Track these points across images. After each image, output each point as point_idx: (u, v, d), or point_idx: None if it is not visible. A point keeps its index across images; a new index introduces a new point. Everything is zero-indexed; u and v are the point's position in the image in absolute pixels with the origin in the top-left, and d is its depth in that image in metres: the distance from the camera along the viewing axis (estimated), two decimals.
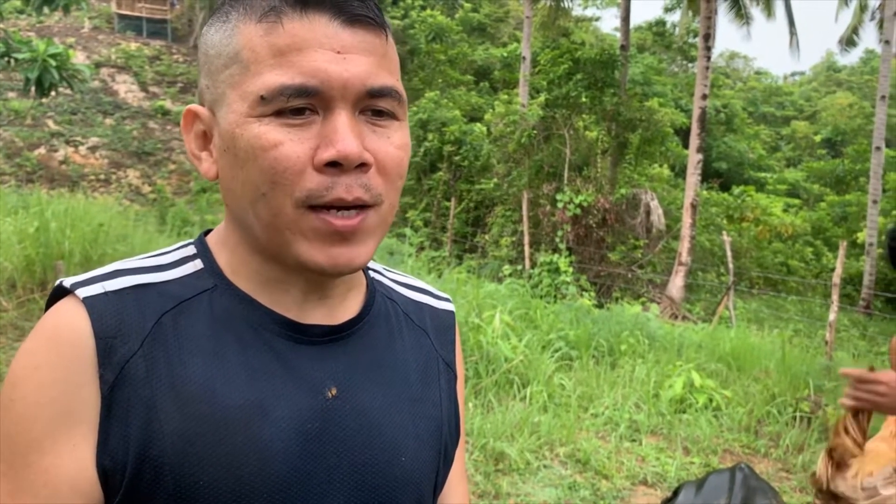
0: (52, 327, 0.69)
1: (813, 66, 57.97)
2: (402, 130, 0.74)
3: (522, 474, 4.26)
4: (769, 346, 7.23)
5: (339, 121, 0.67)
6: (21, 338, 5.83)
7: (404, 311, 0.89)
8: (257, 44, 0.68)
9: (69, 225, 7.43)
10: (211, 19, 0.75)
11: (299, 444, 0.71)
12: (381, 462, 0.76)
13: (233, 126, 0.69)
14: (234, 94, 0.69)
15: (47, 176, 22.67)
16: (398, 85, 0.72)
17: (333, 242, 0.69)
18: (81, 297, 0.69)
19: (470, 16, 30.47)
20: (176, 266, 0.76)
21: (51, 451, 0.65)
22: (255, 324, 0.73)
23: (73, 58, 6.51)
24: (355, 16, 0.69)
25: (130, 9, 32.09)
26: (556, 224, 13.23)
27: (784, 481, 4.58)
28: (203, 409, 0.68)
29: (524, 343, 6.10)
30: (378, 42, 0.70)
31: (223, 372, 0.70)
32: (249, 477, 0.68)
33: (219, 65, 0.71)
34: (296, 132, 0.67)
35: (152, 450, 0.66)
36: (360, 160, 0.68)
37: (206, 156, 0.75)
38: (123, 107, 27.01)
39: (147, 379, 0.68)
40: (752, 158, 28.26)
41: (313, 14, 0.68)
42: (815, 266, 19.57)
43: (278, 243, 0.71)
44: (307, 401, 0.73)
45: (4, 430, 0.66)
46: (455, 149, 17.40)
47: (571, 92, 13.67)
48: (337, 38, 0.68)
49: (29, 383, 0.66)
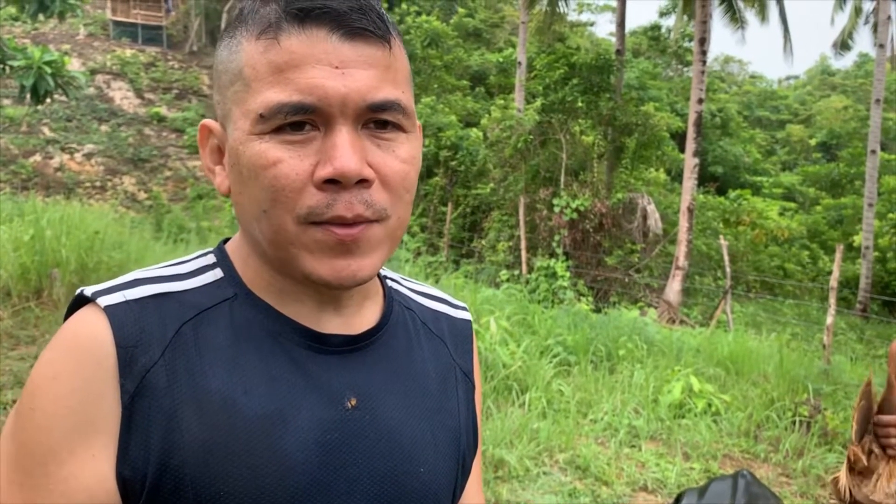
0: (73, 336, 0.68)
1: (807, 69, 58.20)
2: (410, 143, 0.72)
3: (522, 481, 4.24)
4: (767, 350, 7.23)
5: (339, 137, 0.67)
6: (16, 346, 5.80)
7: (422, 320, 0.88)
8: (257, 61, 0.68)
9: (65, 232, 7.42)
10: (222, 34, 0.75)
11: (319, 454, 0.71)
12: (401, 473, 0.76)
13: (237, 143, 0.69)
14: (238, 112, 0.69)
15: (43, 183, 22.64)
16: (403, 97, 0.70)
17: (336, 254, 0.69)
18: (103, 305, 0.69)
19: (465, 21, 30.52)
20: (196, 275, 0.76)
21: (69, 461, 0.64)
22: (275, 333, 0.73)
23: (69, 65, 6.50)
24: (355, 29, 0.67)
25: (126, 15, 32.13)
26: (552, 229, 13.23)
27: (785, 486, 4.57)
28: (224, 419, 0.68)
29: (522, 349, 6.09)
30: (380, 55, 0.69)
31: (243, 381, 0.70)
32: (270, 487, 0.68)
33: (226, 81, 0.71)
34: (296, 149, 0.67)
35: (173, 459, 0.66)
36: (360, 176, 0.67)
37: (220, 170, 0.75)
38: (119, 113, 26.99)
39: (168, 388, 0.67)
40: (748, 162, 28.34)
41: (311, 29, 0.67)
42: (811, 269, 19.60)
43: (283, 258, 0.71)
44: (327, 411, 0.73)
45: (23, 439, 0.66)
46: (451, 154, 17.39)
47: (567, 97, 13.69)
48: (336, 53, 0.67)
49: (48, 393, 0.66)
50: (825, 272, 18.13)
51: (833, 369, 7.04)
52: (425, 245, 15.02)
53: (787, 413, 5.52)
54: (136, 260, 7.97)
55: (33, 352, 5.62)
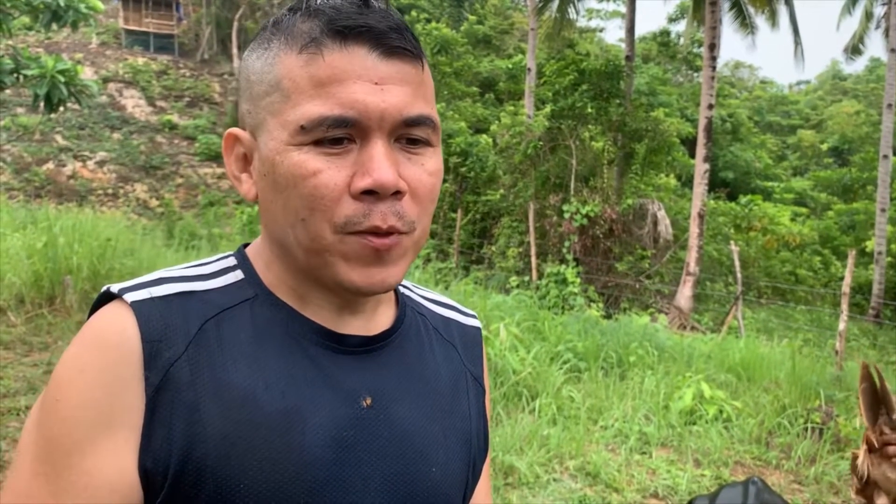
0: (99, 330, 0.70)
1: (818, 74, 57.96)
2: (436, 157, 0.76)
3: (532, 488, 4.23)
4: (779, 357, 7.18)
5: (376, 150, 0.69)
6: (29, 353, 5.84)
7: (433, 326, 0.91)
8: (298, 74, 0.70)
9: (77, 240, 7.47)
10: (252, 44, 0.77)
11: (335, 451, 0.73)
12: (413, 473, 0.77)
13: (273, 153, 0.71)
14: (275, 122, 0.71)
15: (55, 191, 22.81)
16: (433, 113, 0.74)
17: (370, 263, 0.71)
18: (129, 301, 0.71)
19: (475, 28, 30.60)
20: (218, 276, 0.78)
21: (93, 454, 0.66)
22: (294, 333, 0.76)
23: (82, 73, 6.56)
24: (393, 48, 0.70)
25: (138, 24, 32.37)
26: (562, 235, 13.21)
27: (797, 493, 4.54)
28: (244, 414, 0.70)
29: (532, 355, 6.08)
30: (414, 72, 0.72)
31: (264, 378, 0.72)
32: (288, 481, 0.70)
33: (260, 91, 0.73)
34: (334, 160, 0.69)
35: (195, 452, 0.67)
36: (396, 188, 0.70)
37: (247, 178, 0.77)
38: (131, 121, 27.18)
39: (191, 382, 0.69)
40: (759, 168, 28.22)
41: (353, 46, 0.69)
42: (823, 275, 19.48)
43: (317, 265, 0.73)
44: (343, 409, 0.74)
45: (48, 431, 0.67)
46: (461, 160, 17.42)
47: (577, 103, 13.69)
48: (375, 70, 0.69)
49: (73, 386, 0.67)
50: (837, 278, 18.02)
51: (845, 375, 6.99)
52: (435, 251, 15.03)
53: (799, 420, 5.48)
54: (147, 267, 8.00)
55: (46, 358, 5.66)
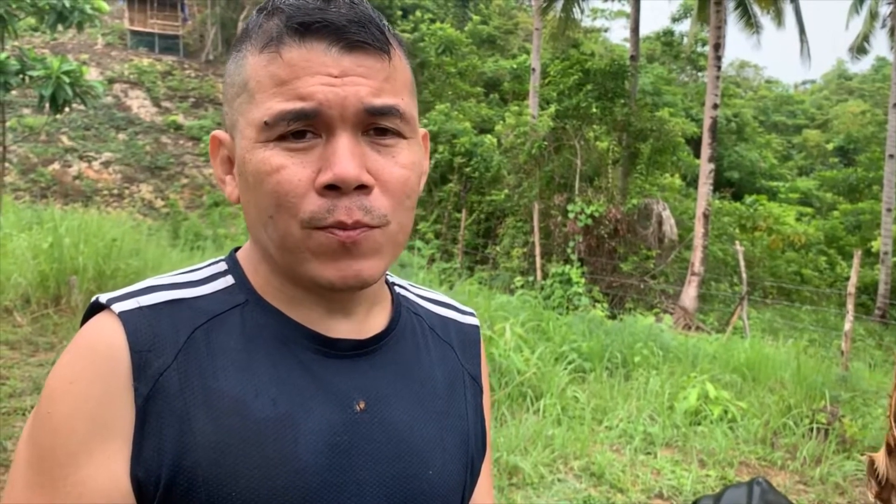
0: (88, 342, 0.70)
1: (824, 74, 57.74)
2: (410, 149, 0.74)
3: (536, 488, 4.23)
4: (784, 357, 7.17)
5: (339, 143, 0.69)
6: (35, 353, 5.86)
7: (430, 326, 0.90)
8: (261, 74, 0.70)
9: (83, 240, 7.48)
10: (231, 49, 0.78)
11: (329, 457, 0.72)
12: (410, 475, 0.77)
13: (243, 152, 0.72)
14: (244, 122, 0.72)
15: (61, 191, 22.88)
16: (402, 103, 0.72)
17: (338, 257, 0.70)
18: (117, 311, 0.71)
19: (479, 28, 30.60)
20: (207, 282, 0.78)
21: (86, 464, 0.66)
22: (285, 338, 0.75)
23: (87, 74, 6.56)
24: (354, 42, 0.69)
25: (143, 25, 32.45)
26: (567, 235, 13.20)
27: (802, 494, 4.53)
28: (235, 422, 0.69)
29: (537, 355, 6.08)
30: (380, 66, 0.71)
31: (254, 385, 0.72)
32: (281, 488, 0.69)
33: (232, 93, 0.74)
34: (298, 156, 0.69)
35: (186, 461, 0.67)
36: (358, 182, 0.69)
37: (230, 179, 0.78)
38: (136, 122, 27.24)
39: (180, 391, 0.69)
40: (764, 167, 28.13)
41: (311, 42, 0.69)
42: (828, 275, 19.42)
43: (291, 263, 0.72)
44: (336, 414, 0.74)
45: (41, 442, 0.68)
46: (465, 160, 17.42)
47: (581, 103, 13.68)
48: (335, 64, 0.69)
49: (65, 397, 0.67)
50: (843, 278, 17.96)
51: (851, 376, 6.97)
52: (440, 252, 15.04)
53: (805, 420, 5.47)
54: (153, 267, 8.02)
55: (52, 358, 5.68)
